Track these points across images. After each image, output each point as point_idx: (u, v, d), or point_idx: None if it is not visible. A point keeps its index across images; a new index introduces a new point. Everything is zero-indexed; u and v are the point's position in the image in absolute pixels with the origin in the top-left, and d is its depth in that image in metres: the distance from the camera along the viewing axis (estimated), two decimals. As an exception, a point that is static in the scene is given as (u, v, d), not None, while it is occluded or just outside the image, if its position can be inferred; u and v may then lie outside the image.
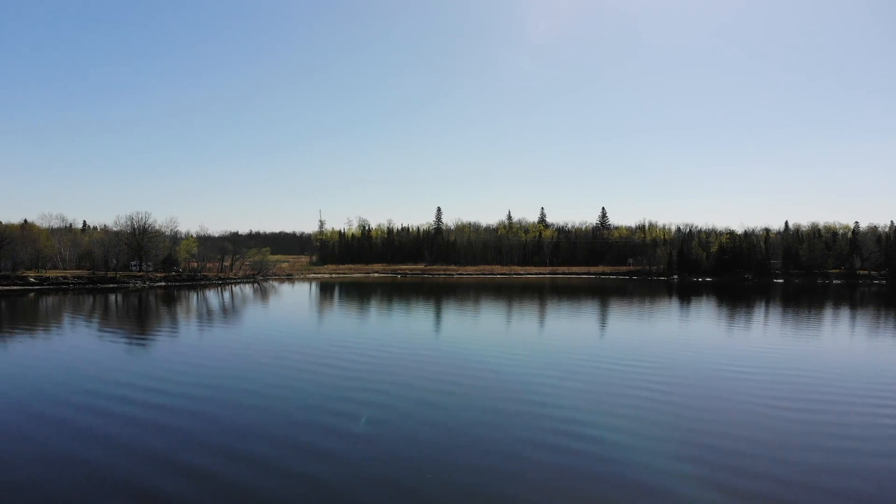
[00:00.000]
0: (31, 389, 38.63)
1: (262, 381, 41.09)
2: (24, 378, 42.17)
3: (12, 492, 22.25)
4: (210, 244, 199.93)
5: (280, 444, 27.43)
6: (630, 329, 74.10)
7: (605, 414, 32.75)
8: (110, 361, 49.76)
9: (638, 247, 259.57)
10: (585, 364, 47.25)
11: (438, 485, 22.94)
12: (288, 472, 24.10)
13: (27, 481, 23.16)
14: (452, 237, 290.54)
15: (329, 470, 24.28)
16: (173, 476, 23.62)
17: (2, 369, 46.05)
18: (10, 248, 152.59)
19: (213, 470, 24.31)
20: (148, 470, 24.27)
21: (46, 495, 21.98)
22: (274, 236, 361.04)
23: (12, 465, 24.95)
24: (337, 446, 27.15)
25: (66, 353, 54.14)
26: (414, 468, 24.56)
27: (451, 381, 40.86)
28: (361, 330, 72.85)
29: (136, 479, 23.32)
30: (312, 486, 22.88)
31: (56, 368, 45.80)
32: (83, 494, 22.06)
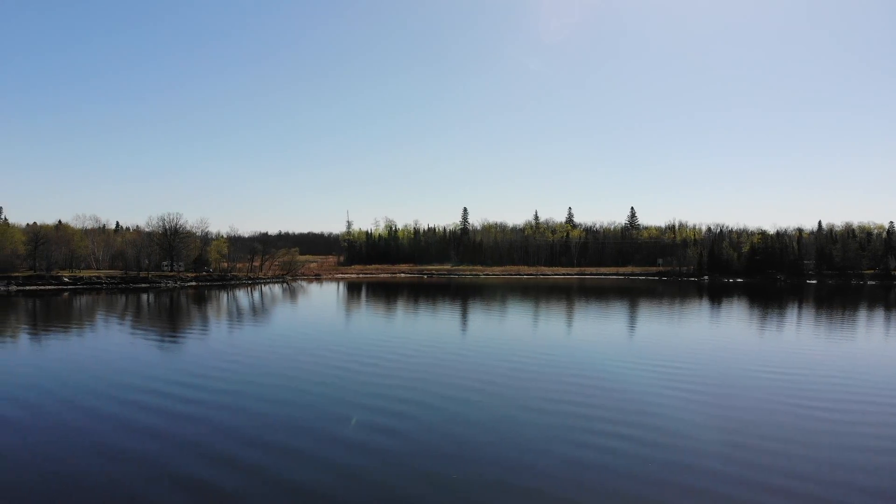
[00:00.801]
0: (74, 386, 39.39)
1: (295, 377, 41.61)
2: (65, 375, 43.04)
3: (73, 483, 22.91)
4: (240, 244, 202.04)
5: (316, 437, 27.80)
6: (659, 330, 73.23)
7: (635, 414, 32.50)
8: (146, 360, 50.71)
9: (668, 247, 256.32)
10: (615, 365, 46.88)
11: (466, 483, 22.88)
12: (324, 464, 24.42)
13: (85, 473, 23.81)
14: (479, 237, 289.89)
15: (362, 464, 24.45)
16: (218, 468, 24.10)
17: (44, 366, 47.08)
18: (45, 249, 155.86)
19: (253, 462, 24.68)
20: (194, 462, 24.85)
21: (102, 485, 22.63)
22: (302, 237, 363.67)
23: (71, 456, 25.71)
24: (370, 441, 27.36)
25: (103, 351, 55.30)
26: (442, 466, 24.61)
27: (479, 381, 40.82)
28: (389, 329, 73.03)
29: (183, 471, 23.88)
30: (346, 478, 23.07)
31: (96, 366, 46.67)
32: (135, 485, 22.57)
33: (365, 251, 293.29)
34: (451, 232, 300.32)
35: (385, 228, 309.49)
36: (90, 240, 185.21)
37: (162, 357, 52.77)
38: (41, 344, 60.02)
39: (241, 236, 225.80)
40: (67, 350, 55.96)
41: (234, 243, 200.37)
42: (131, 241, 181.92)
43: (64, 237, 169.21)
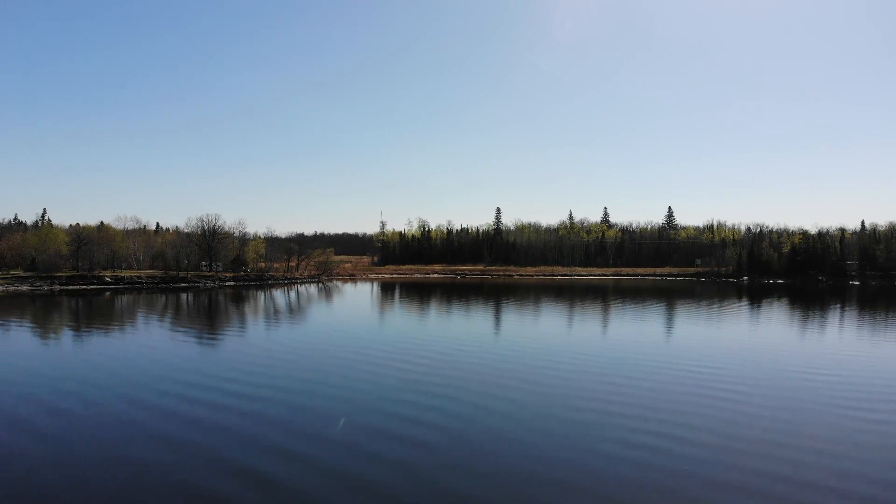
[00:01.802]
0: (125, 381, 40.34)
1: (330, 380, 41.76)
2: (115, 371, 44.08)
3: (133, 468, 23.52)
4: (277, 245, 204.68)
5: (343, 445, 27.82)
6: (698, 332, 72.01)
7: (675, 415, 32.05)
8: (185, 359, 51.73)
9: (706, 247, 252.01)
10: (652, 367, 46.17)
11: (500, 482, 22.76)
12: (361, 458, 24.47)
13: (144, 461, 24.38)
14: (512, 238, 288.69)
15: (392, 470, 24.33)
16: (242, 478, 24.15)
17: (94, 363, 48.30)
18: (88, 249, 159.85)
19: (297, 455, 24.85)
20: (244, 454, 25.06)
21: (161, 472, 23.25)
22: (337, 237, 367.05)
23: (129, 445, 26.40)
24: (407, 437, 27.45)
25: (143, 350, 56.45)
26: (478, 464, 24.50)
27: (515, 380, 40.66)
28: (423, 329, 73.16)
29: (233, 463, 24.22)
30: (372, 487, 23.00)
31: (143, 363, 47.69)
32: (148, 495, 22.63)
33: (398, 251, 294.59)
34: (484, 232, 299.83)
35: (418, 229, 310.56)
36: (131, 240, 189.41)
37: (203, 354, 53.87)
38: (88, 342, 61.59)
39: (277, 237, 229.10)
40: (114, 347, 57.36)
41: (271, 244, 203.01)
42: (171, 241, 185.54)
43: (106, 238, 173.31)
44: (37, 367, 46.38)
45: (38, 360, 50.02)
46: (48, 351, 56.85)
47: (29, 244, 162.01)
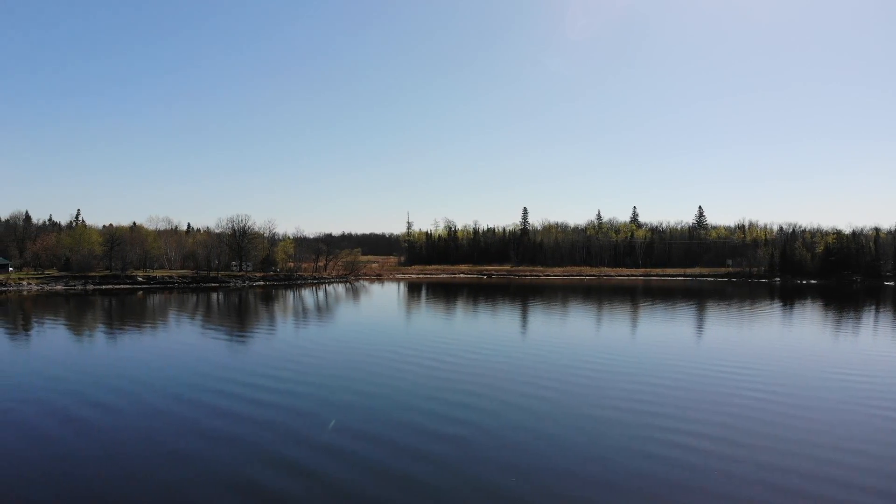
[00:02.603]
0: (163, 377, 41.40)
1: (359, 378, 42.04)
2: (153, 367, 45.11)
3: (174, 457, 23.95)
4: (305, 245, 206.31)
5: (379, 442, 27.87)
6: (729, 333, 70.89)
7: (706, 417, 31.61)
8: (219, 356, 52.42)
9: (737, 247, 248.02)
10: (682, 369, 45.62)
11: (526, 489, 22.56)
12: (387, 470, 24.44)
13: (183, 451, 25.00)
14: (539, 238, 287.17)
15: (423, 469, 24.37)
16: (278, 472, 24.31)
17: (132, 360, 49.16)
18: (121, 249, 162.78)
19: (316, 467, 24.92)
20: (255, 465, 25.18)
21: (199, 463, 23.86)
22: (364, 237, 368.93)
23: (170, 437, 27.15)
24: (431, 446, 27.35)
25: (178, 348, 57.43)
26: (508, 464, 24.37)
27: (543, 382, 40.38)
28: (450, 330, 73.09)
29: (243, 474, 24.10)
30: (407, 483, 23.05)
31: (171, 362, 48.38)
32: (192, 488, 22.92)
33: (425, 251, 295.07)
34: (511, 232, 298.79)
35: (444, 229, 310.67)
36: (163, 241, 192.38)
37: (236, 353, 54.47)
38: (125, 340, 62.61)
39: (306, 237, 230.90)
40: (150, 345, 58.33)
41: (300, 244, 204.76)
42: (202, 241, 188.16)
43: (138, 238, 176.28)
44: (79, 364, 47.51)
45: (78, 358, 51.21)
46: (88, 349, 58.03)
47: (63, 244, 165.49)
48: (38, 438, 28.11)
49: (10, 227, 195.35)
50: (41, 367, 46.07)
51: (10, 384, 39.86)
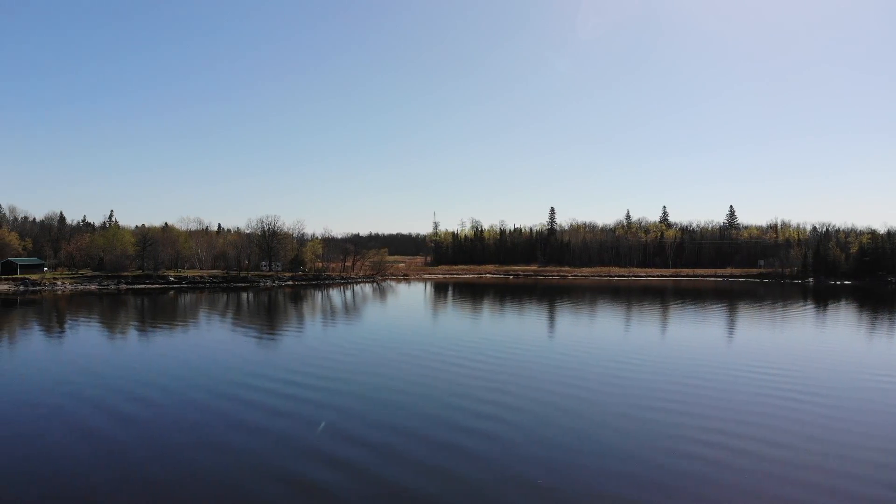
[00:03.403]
0: (188, 379, 41.83)
1: (388, 376, 42.37)
2: (179, 369, 45.68)
3: (176, 475, 24.06)
4: (333, 245, 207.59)
5: (413, 437, 28.17)
6: (761, 335, 69.68)
7: (737, 420, 31.19)
8: (251, 354, 53.17)
9: (769, 248, 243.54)
10: (713, 370, 45.13)
11: (556, 484, 22.50)
12: (422, 465, 24.64)
13: (190, 467, 24.98)
14: (566, 237, 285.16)
15: (460, 465, 24.50)
16: (317, 465, 24.69)
17: (159, 361, 50.05)
18: (153, 249, 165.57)
19: (351, 459, 25.13)
20: (294, 458, 25.58)
21: (205, 479, 23.61)
22: (391, 237, 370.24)
23: (178, 451, 26.96)
24: (468, 443, 27.40)
25: (211, 345, 58.44)
26: (535, 466, 24.27)
27: (571, 384, 40.17)
28: (477, 330, 73.00)
29: (284, 467, 24.59)
30: (444, 479, 23.20)
31: (202, 361, 49.29)
32: (236, 479, 23.43)
33: (451, 252, 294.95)
34: (538, 232, 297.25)
35: (471, 229, 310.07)
36: (194, 241, 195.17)
37: (267, 351, 55.27)
38: (159, 338, 63.70)
39: (334, 237, 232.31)
40: (183, 343, 59.36)
41: (328, 244, 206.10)
42: (232, 242, 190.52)
43: (170, 238, 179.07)
44: (118, 361, 48.66)
45: (117, 355, 52.38)
46: (125, 347, 59.15)
47: (97, 244, 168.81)
48: (87, 432, 29.17)
49: (45, 228, 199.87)
50: (84, 363, 47.30)
51: (54, 380, 40.93)
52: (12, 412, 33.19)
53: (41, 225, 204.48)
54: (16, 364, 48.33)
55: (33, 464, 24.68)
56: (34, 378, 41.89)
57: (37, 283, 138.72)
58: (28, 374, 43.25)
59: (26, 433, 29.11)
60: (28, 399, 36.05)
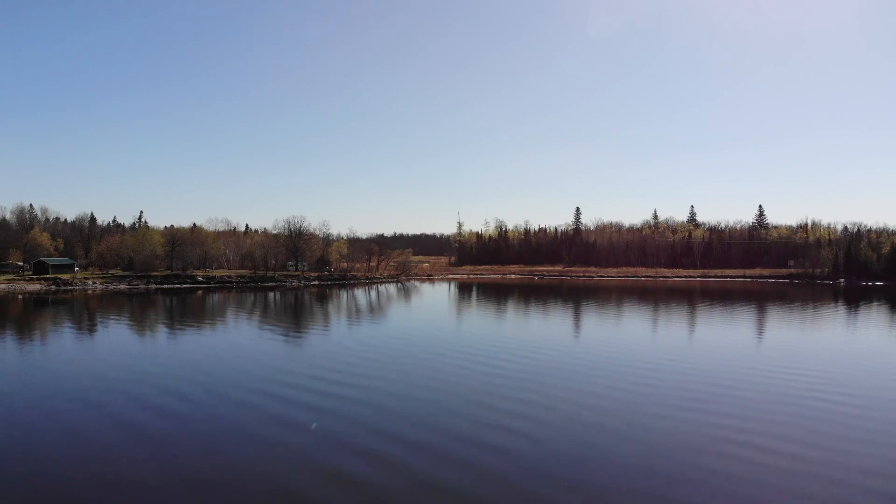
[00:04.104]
0: (220, 377, 42.49)
1: (410, 381, 42.27)
2: (211, 367, 46.38)
3: (214, 466, 24.47)
4: (358, 245, 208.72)
5: (441, 434, 28.42)
6: (791, 336, 68.50)
7: (767, 421, 30.73)
8: (276, 356, 53.52)
9: (799, 248, 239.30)
10: (743, 372, 44.44)
11: (583, 488, 22.33)
12: (450, 461, 24.69)
13: (229, 459, 25.43)
14: (592, 237, 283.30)
15: (489, 462, 24.53)
16: (355, 459, 25.04)
17: (192, 359, 50.69)
18: (182, 250, 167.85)
19: (386, 454, 25.25)
20: (331, 453, 25.96)
21: (237, 474, 23.95)
22: (415, 238, 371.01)
23: (213, 443, 27.49)
24: (496, 441, 27.34)
25: (236, 346, 58.96)
26: (557, 477, 24.08)
27: (600, 384, 39.86)
28: (501, 332, 72.85)
29: (321, 461, 25.23)
30: (473, 475, 23.31)
31: (232, 359, 49.82)
32: (269, 474, 23.67)
33: (475, 252, 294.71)
34: (563, 232, 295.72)
35: (495, 229, 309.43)
36: (222, 241, 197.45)
37: (293, 352, 55.67)
38: (187, 338, 64.62)
39: (359, 237, 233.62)
40: (210, 343, 60.09)
41: (353, 244, 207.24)
42: (259, 242, 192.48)
43: (198, 239, 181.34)
44: (147, 359, 49.14)
45: (146, 354, 53.01)
46: (159, 345, 60.18)
47: (127, 245, 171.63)
48: (121, 427, 29.83)
49: (77, 229, 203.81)
50: (117, 361, 48.12)
51: (88, 377, 41.74)
52: (49, 408, 33.76)
53: (72, 225, 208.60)
54: (49, 361, 49.25)
55: (69, 458, 25.19)
56: (68, 375, 42.69)
57: (68, 282, 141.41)
58: (61, 371, 44.08)
59: (63, 428, 29.78)
60: (65, 395, 36.77)
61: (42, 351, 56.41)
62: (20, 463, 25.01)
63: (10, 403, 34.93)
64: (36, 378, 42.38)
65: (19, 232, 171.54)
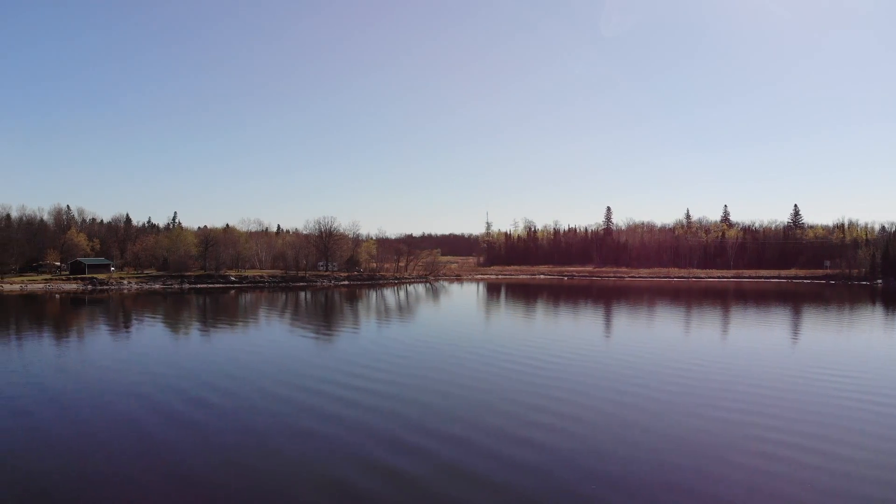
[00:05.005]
0: (261, 373, 43.43)
1: (442, 378, 42.38)
2: (252, 364, 47.18)
3: (235, 477, 24.66)
4: (387, 246, 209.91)
5: (465, 443, 28.04)
6: (828, 338, 67.03)
7: (811, 424, 30.31)
8: (308, 355, 54.27)
9: (836, 248, 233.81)
10: (779, 376, 43.51)
11: (622, 491, 22.07)
12: (497, 454, 24.88)
13: (248, 470, 25.48)
14: (623, 237, 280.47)
15: (512, 473, 24.20)
16: (367, 470, 24.79)
17: (220, 360, 51.45)
18: (215, 250, 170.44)
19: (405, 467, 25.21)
20: (373, 448, 25.91)
21: (291, 466, 24.31)
22: (444, 238, 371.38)
23: (237, 453, 27.53)
24: (521, 450, 27.07)
25: (270, 344, 59.76)
26: (589, 477, 23.92)
27: (634, 387, 39.36)
28: (531, 332, 72.56)
29: (363, 454, 25.76)
30: (521, 470, 23.73)
31: (264, 359, 50.36)
32: (315, 462, 24.08)
33: (504, 252, 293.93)
34: (593, 232, 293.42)
35: (524, 229, 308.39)
36: (254, 242, 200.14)
37: (325, 350, 56.29)
38: (220, 336, 65.72)
39: (388, 238, 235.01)
40: (244, 342, 61.07)
41: (382, 245, 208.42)
42: (291, 242, 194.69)
43: (231, 239, 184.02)
44: (182, 358, 50.35)
45: (181, 352, 54.40)
46: (186, 345, 61.27)
47: (161, 245, 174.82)
48: (176, 417, 29.97)
49: (113, 229, 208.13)
50: (153, 360, 48.97)
51: (126, 374, 42.61)
52: (103, 402, 34.89)
53: (108, 226, 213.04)
54: (87, 359, 50.31)
55: (127, 449, 25.79)
56: (103, 374, 43.58)
57: (104, 282, 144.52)
58: (98, 371, 44.99)
59: (118, 421, 31.03)
60: (118, 389, 38.23)
61: (89, 348, 57.76)
62: (81, 453, 26.09)
63: (67, 399, 36.10)
64: (87, 374, 43.66)
65: (57, 233, 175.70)
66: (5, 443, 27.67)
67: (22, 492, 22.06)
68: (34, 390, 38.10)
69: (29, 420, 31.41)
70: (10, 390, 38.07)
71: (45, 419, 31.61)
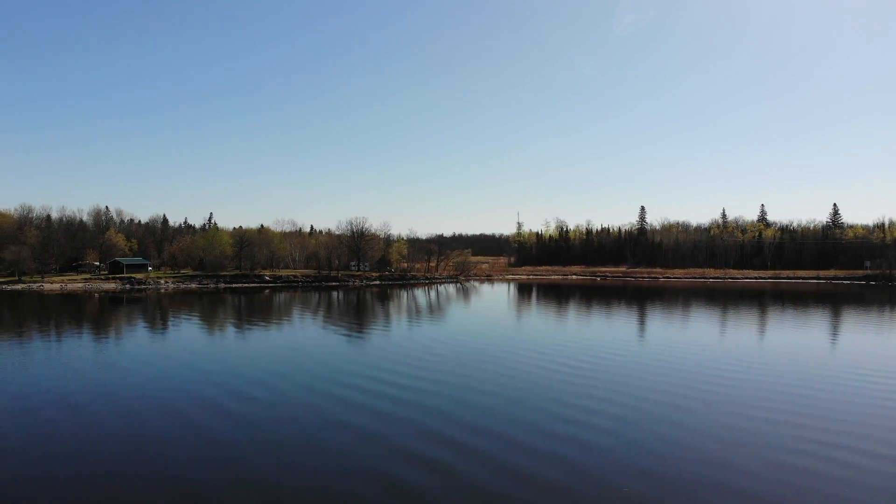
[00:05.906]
0: (306, 371, 44.50)
1: (477, 377, 42.53)
2: (297, 362, 48.34)
3: (275, 469, 25.16)
4: (418, 246, 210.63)
5: (501, 440, 28.18)
6: (867, 340, 65.52)
7: (849, 424, 30.09)
8: (342, 353, 54.93)
9: (876, 248, 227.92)
10: (817, 378, 42.79)
11: (651, 494, 21.97)
12: (536, 451, 25.11)
13: (298, 461, 25.91)
14: (658, 237, 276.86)
15: (548, 470, 24.26)
16: (406, 465, 25.04)
17: (274, 354, 52.59)
18: (249, 250, 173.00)
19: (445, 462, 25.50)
20: (383, 457, 26.13)
21: (336, 459, 25.06)
22: (475, 238, 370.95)
23: (291, 448, 27.86)
24: (556, 447, 27.11)
25: (304, 343, 60.63)
26: (644, 469, 23.87)
27: (674, 388, 39.08)
28: (565, 333, 72.19)
29: (405, 447, 26.53)
30: (564, 469, 23.96)
31: (299, 357, 51.18)
32: (331, 478, 24.23)
33: (535, 252, 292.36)
34: (627, 232, 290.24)
35: (555, 229, 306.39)
36: (288, 242, 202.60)
37: (357, 350, 56.81)
38: (260, 335, 66.75)
39: (418, 238, 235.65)
40: (280, 340, 62.10)
41: (413, 245, 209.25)
42: (324, 243, 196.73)
43: (265, 240, 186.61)
44: (218, 356, 51.53)
45: (220, 351, 55.65)
46: (228, 343, 62.49)
47: (197, 246, 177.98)
48: (189, 424, 30.75)
49: (150, 230, 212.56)
50: (190, 357, 50.39)
51: (188, 366, 43.92)
52: (154, 398, 36.11)
53: (146, 227, 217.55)
54: (133, 356, 51.63)
55: (135, 455, 26.33)
56: (151, 371, 44.79)
57: (142, 281, 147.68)
58: (146, 367, 46.23)
59: (167, 415, 32.15)
60: (165, 384, 39.82)
61: (133, 346, 59.01)
62: (139, 448, 26.92)
63: (119, 395, 37.20)
64: (136, 371, 44.96)
65: (96, 233, 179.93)
66: (68, 437, 28.51)
67: (88, 485, 22.90)
68: (87, 386, 39.38)
69: (85, 413, 32.54)
70: (65, 385, 39.39)
71: (99, 414, 32.63)
